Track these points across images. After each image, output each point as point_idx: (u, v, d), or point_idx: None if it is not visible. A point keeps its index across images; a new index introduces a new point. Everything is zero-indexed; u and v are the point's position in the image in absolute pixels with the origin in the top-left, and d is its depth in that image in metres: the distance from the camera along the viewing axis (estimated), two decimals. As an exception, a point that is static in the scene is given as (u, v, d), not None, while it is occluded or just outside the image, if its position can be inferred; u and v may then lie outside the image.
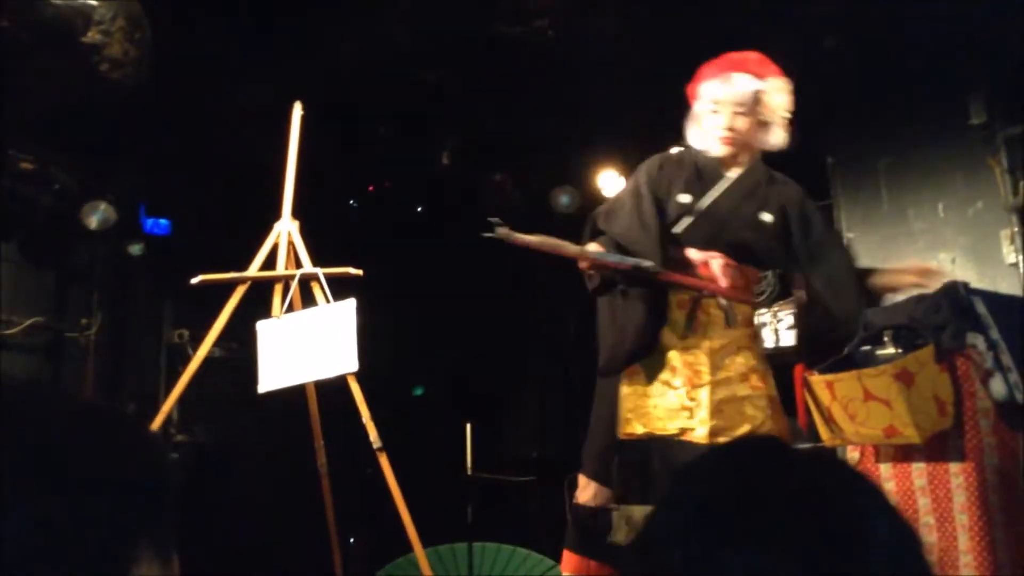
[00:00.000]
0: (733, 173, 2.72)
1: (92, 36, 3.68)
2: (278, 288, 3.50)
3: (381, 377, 3.62)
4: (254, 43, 4.25)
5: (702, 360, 2.59)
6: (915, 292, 2.82)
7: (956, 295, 2.77)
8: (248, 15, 4.12)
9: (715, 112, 2.66)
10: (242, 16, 4.11)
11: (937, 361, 2.67)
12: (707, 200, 2.67)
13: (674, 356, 2.61)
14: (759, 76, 2.70)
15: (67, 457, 0.72)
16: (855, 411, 2.72)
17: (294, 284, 3.45)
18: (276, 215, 3.58)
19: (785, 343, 4.91)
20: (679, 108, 2.81)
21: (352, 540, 4.39)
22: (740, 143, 2.66)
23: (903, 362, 2.69)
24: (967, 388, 2.66)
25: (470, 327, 5.52)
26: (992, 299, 2.81)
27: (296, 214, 3.61)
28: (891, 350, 2.81)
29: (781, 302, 5.07)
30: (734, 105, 2.64)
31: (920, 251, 4.15)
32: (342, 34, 4.32)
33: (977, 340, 2.69)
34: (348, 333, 3.26)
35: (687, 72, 2.76)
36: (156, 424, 3.34)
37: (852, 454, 2.92)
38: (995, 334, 2.67)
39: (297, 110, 3.71)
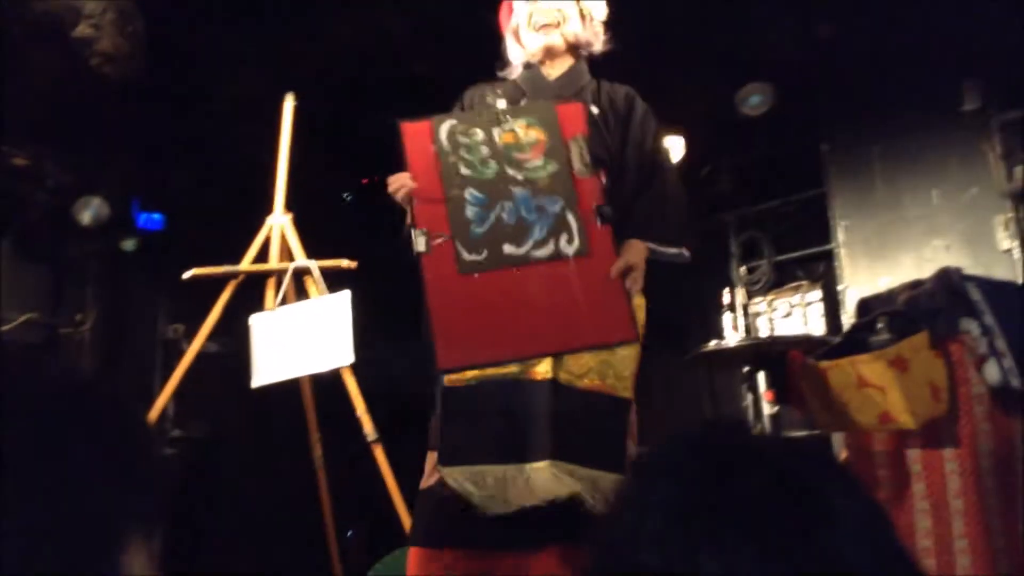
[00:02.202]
0: (555, 72, 2.47)
1: (83, 30, 3.67)
2: (271, 282, 3.50)
3: (376, 369, 3.61)
4: (246, 35, 4.24)
5: None
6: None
7: (950, 281, 2.77)
8: (240, 7, 4.10)
9: (533, 9, 2.47)
10: (233, 8, 4.09)
11: (931, 347, 2.67)
12: (525, 100, 2.39)
13: None
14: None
15: (57, 441, 0.71)
16: (850, 398, 2.72)
17: (287, 277, 3.44)
18: (269, 208, 3.58)
19: (781, 332, 4.92)
20: (669, 99, 2.79)
21: (349, 533, 4.38)
22: (563, 36, 2.43)
23: (897, 348, 2.68)
24: (961, 374, 2.65)
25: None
26: (986, 285, 2.80)
27: (290, 207, 3.61)
28: (885, 336, 2.81)
29: (777, 290, 5.08)
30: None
31: (915, 237, 4.16)
32: (336, 24, 4.30)
33: (971, 326, 2.68)
34: (343, 326, 3.26)
35: (685, 69, 2.72)
36: (151, 419, 3.34)
37: (847, 441, 2.92)
38: (989, 320, 2.67)
39: (289, 102, 3.70)
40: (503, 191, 2.06)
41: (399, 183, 2.10)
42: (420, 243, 1.99)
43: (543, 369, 2.03)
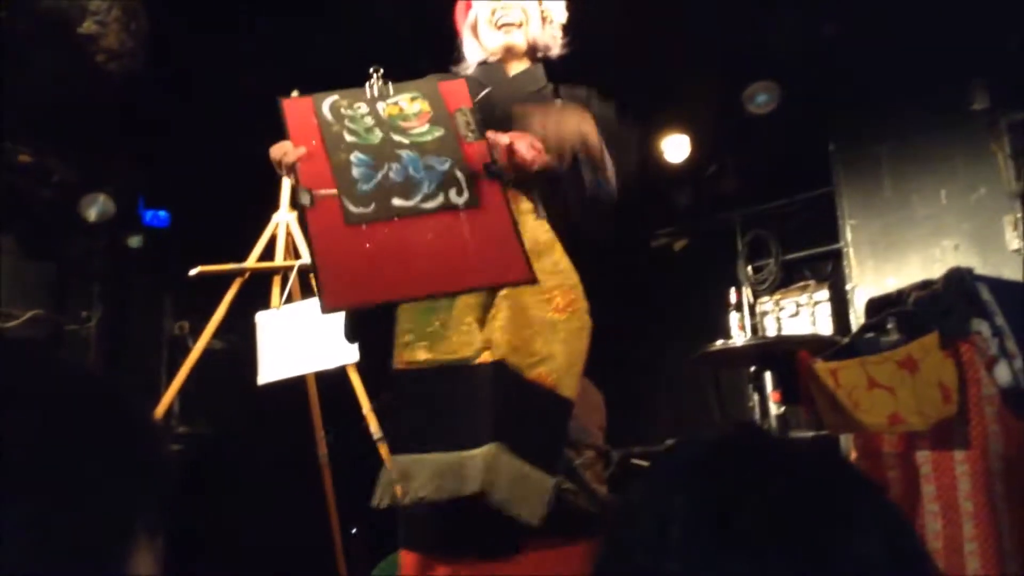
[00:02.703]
0: (514, 70, 2.41)
1: (88, 27, 3.66)
2: (277, 279, 3.49)
3: (382, 367, 3.60)
4: (252, 31, 4.23)
5: None
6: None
7: (961, 281, 2.76)
8: (245, 3, 4.10)
9: (496, 7, 2.39)
10: (239, 3, 4.09)
11: (941, 348, 2.65)
12: (484, 93, 2.29)
13: None
14: None
15: (62, 437, 0.70)
16: (859, 399, 2.70)
17: (293, 275, 3.43)
18: (275, 205, 3.57)
19: (788, 332, 4.90)
20: (675, 98, 2.77)
21: (354, 531, 4.38)
22: (524, 36, 2.36)
23: (907, 349, 2.67)
24: (972, 375, 2.64)
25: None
26: (997, 285, 2.79)
27: (295, 204, 3.60)
28: (895, 337, 2.80)
29: (784, 290, 5.07)
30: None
31: (923, 237, 4.14)
32: (342, 22, 4.30)
33: (982, 327, 2.67)
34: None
35: (692, 68, 2.70)
36: (157, 415, 3.33)
37: (856, 442, 2.91)
38: (1000, 320, 2.65)
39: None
40: (390, 154, 2.04)
41: (281, 150, 2.03)
42: (304, 198, 1.95)
43: (496, 352, 1.97)
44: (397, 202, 1.98)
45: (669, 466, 0.83)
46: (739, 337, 4.62)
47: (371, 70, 2.17)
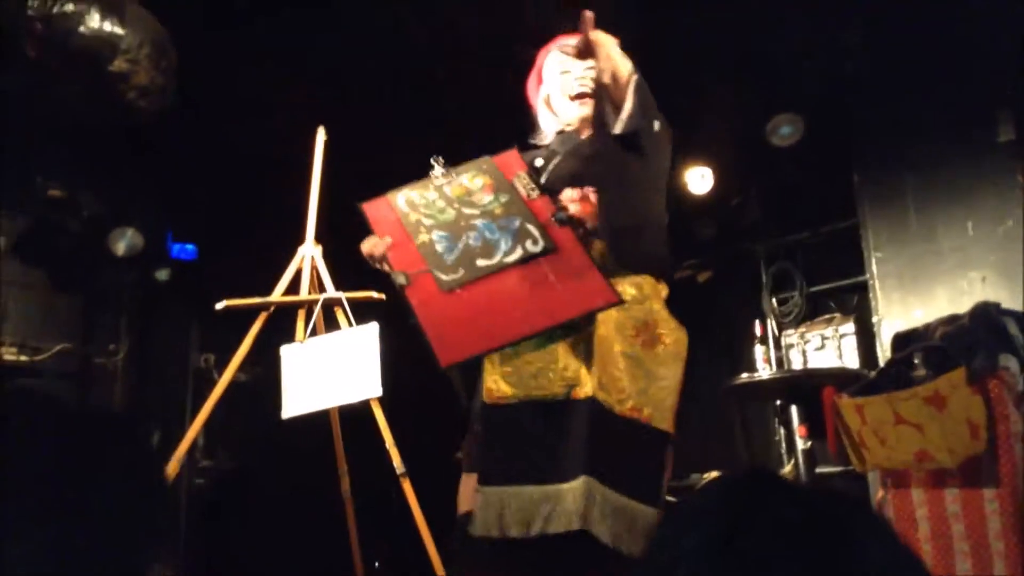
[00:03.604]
0: (586, 133, 2.46)
1: (119, 65, 3.73)
2: (301, 313, 3.51)
3: (405, 402, 3.61)
4: (279, 68, 4.29)
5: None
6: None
7: (988, 316, 2.73)
8: (273, 41, 4.16)
9: (566, 72, 2.46)
10: (267, 41, 4.15)
11: (969, 384, 2.62)
12: (558, 158, 2.43)
13: None
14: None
15: (69, 477, 0.71)
16: (885, 435, 2.67)
17: (317, 309, 3.45)
18: (301, 239, 3.60)
19: (814, 365, 4.86)
20: (700, 130, 2.78)
21: (376, 565, 4.37)
22: (595, 101, 2.36)
23: (934, 385, 2.64)
24: (1000, 411, 2.60)
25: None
26: (1025, 319, 2.76)
27: (320, 238, 3.63)
28: (922, 372, 2.77)
29: (809, 322, 5.03)
30: (584, 63, 2.39)
31: (949, 269, 4.10)
32: (367, 57, 4.35)
33: (1010, 362, 2.64)
34: (372, 357, 3.26)
35: (716, 100, 2.72)
36: (182, 450, 3.35)
37: (884, 480, 2.87)
38: (1028, 356, 2.62)
39: (320, 135, 3.73)
40: (465, 226, 2.27)
41: (370, 245, 2.27)
42: (400, 279, 2.19)
43: (585, 389, 2.05)
44: (481, 263, 2.19)
45: (687, 506, 0.84)
46: (765, 370, 4.59)
47: (432, 160, 2.40)
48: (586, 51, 2.19)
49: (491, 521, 2.02)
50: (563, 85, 2.46)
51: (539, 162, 2.42)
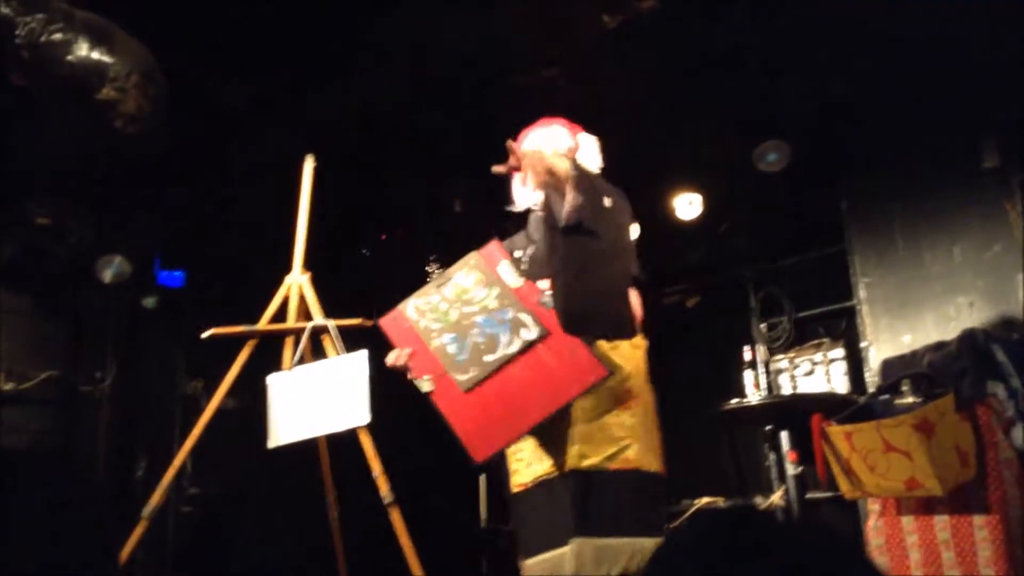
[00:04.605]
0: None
1: (107, 93, 3.72)
2: (289, 341, 3.50)
3: (393, 429, 3.59)
4: (266, 96, 4.30)
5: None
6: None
7: (975, 342, 2.74)
8: (259, 67, 4.16)
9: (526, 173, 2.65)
10: (253, 68, 4.16)
11: (957, 410, 2.62)
12: (532, 247, 2.74)
13: None
14: (570, 131, 2.80)
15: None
16: (875, 462, 2.67)
17: (304, 336, 3.44)
18: (288, 267, 3.60)
19: (803, 390, 4.86)
20: (687, 156, 2.81)
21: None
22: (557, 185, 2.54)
23: (923, 412, 2.64)
24: (989, 438, 2.60)
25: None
26: (1012, 346, 2.77)
27: (308, 266, 3.62)
28: (910, 399, 2.77)
29: (798, 348, 5.03)
30: (548, 148, 2.66)
31: (937, 295, 4.11)
32: (354, 85, 4.36)
33: (998, 388, 2.64)
34: (360, 385, 3.24)
35: (703, 127, 2.78)
36: (169, 476, 3.32)
37: (873, 507, 2.86)
38: (1016, 382, 2.63)
39: (309, 163, 3.73)
40: (468, 324, 2.56)
41: (394, 356, 2.58)
42: (425, 385, 2.48)
43: (571, 463, 2.41)
44: (488, 358, 2.47)
45: (677, 542, 0.86)
46: (754, 396, 4.58)
47: (427, 267, 2.91)
48: (518, 169, 2.51)
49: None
50: (526, 175, 2.60)
51: (518, 253, 2.72)
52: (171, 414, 4.80)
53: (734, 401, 4.27)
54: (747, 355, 4.85)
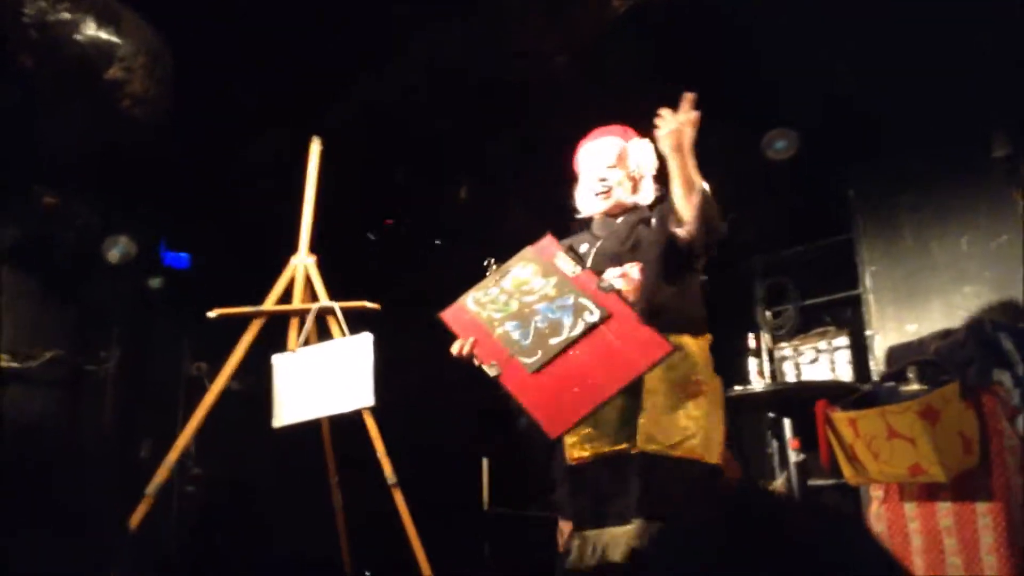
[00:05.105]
0: (620, 218, 2.85)
1: (114, 73, 3.72)
2: (294, 322, 3.50)
3: (397, 411, 3.60)
4: (274, 78, 4.29)
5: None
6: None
7: (981, 331, 2.73)
8: (268, 51, 4.16)
9: (589, 170, 2.85)
10: (262, 52, 4.15)
11: (962, 398, 2.62)
12: (600, 242, 2.83)
13: None
14: (623, 137, 2.88)
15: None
16: (879, 449, 2.67)
17: (310, 318, 3.45)
18: (294, 249, 3.60)
19: (807, 377, 4.86)
20: (694, 145, 2.80)
21: (367, 574, 4.34)
22: (613, 196, 2.80)
23: (928, 399, 2.64)
24: (993, 426, 2.60)
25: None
26: (1018, 335, 2.76)
27: (314, 248, 3.62)
28: (915, 387, 2.77)
29: (803, 336, 5.03)
30: (603, 161, 2.82)
31: (943, 284, 4.10)
32: (361, 70, 4.35)
33: (1003, 377, 2.64)
34: (364, 367, 3.25)
35: (711, 115, 2.77)
36: (172, 457, 3.33)
37: (876, 493, 2.86)
38: (1021, 371, 2.62)
39: (315, 146, 3.73)
40: (529, 312, 2.62)
41: (459, 346, 2.61)
42: (493, 370, 2.52)
43: (637, 444, 2.46)
44: (553, 341, 2.53)
45: (679, 525, 0.86)
46: (758, 383, 4.58)
47: (485, 264, 2.82)
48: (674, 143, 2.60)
49: (587, 555, 2.46)
50: (585, 181, 2.84)
51: (584, 247, 2.80)
52: (175, 395, 4.81)
53: (738, 388, 4.27)
54: (752, 342, 4.84)
